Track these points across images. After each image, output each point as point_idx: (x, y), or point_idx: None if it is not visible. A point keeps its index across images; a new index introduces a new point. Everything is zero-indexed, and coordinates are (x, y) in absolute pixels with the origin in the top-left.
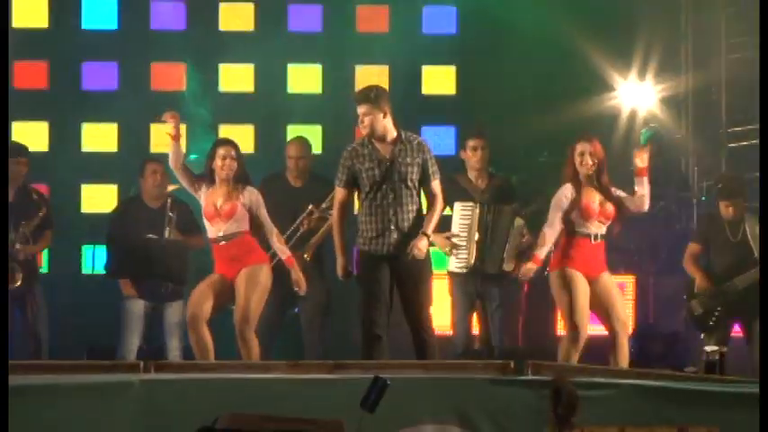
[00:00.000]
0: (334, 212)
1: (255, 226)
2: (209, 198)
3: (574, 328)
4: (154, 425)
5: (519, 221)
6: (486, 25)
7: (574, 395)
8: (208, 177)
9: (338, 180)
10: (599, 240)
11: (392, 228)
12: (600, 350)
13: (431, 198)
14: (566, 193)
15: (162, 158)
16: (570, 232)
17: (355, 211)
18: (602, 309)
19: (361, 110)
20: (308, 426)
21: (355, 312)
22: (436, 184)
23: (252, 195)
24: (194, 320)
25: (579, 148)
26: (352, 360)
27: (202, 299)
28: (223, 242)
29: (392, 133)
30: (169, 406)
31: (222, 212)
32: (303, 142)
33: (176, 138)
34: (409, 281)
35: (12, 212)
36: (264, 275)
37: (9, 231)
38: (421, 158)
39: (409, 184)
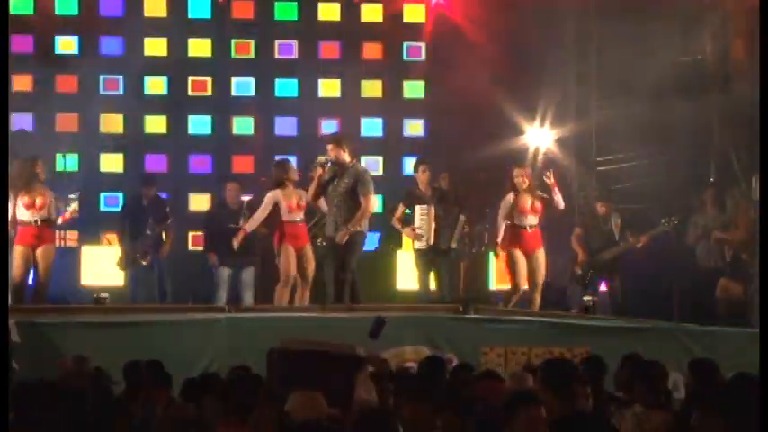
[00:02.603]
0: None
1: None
2: (290, 197)
3: (514, 284)
4: (234, 347)
5: (462, 217)
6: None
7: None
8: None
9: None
10: (533, 229)
11: (333, 219)
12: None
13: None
14: (509, 198)
15: (238, 178)
16: (514, 225)
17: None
18: (530, 273)
19: (328, 147)
20: (332, 347)
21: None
22: (363, 198)
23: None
24: (287, 284)
25: (516, 171)
26: (358, 305)
27: (293, 271)
28: (299, 224)
29: (346, 161)
30: (243, 334)
31: (301, 206)
32: None
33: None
34: (343, 253)
35: (149, 214)
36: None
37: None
38: (353, 179)
39: (343, 194)
